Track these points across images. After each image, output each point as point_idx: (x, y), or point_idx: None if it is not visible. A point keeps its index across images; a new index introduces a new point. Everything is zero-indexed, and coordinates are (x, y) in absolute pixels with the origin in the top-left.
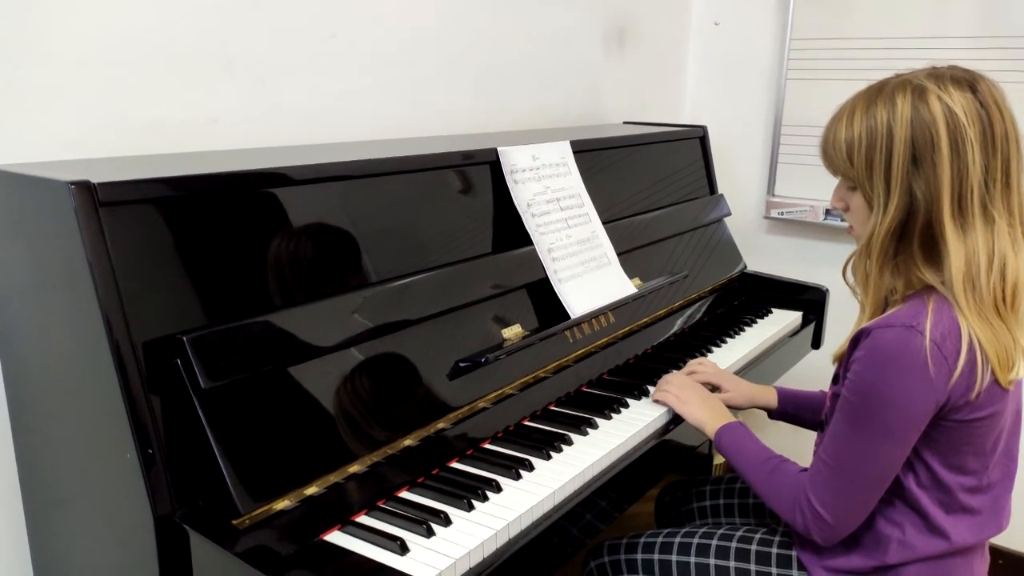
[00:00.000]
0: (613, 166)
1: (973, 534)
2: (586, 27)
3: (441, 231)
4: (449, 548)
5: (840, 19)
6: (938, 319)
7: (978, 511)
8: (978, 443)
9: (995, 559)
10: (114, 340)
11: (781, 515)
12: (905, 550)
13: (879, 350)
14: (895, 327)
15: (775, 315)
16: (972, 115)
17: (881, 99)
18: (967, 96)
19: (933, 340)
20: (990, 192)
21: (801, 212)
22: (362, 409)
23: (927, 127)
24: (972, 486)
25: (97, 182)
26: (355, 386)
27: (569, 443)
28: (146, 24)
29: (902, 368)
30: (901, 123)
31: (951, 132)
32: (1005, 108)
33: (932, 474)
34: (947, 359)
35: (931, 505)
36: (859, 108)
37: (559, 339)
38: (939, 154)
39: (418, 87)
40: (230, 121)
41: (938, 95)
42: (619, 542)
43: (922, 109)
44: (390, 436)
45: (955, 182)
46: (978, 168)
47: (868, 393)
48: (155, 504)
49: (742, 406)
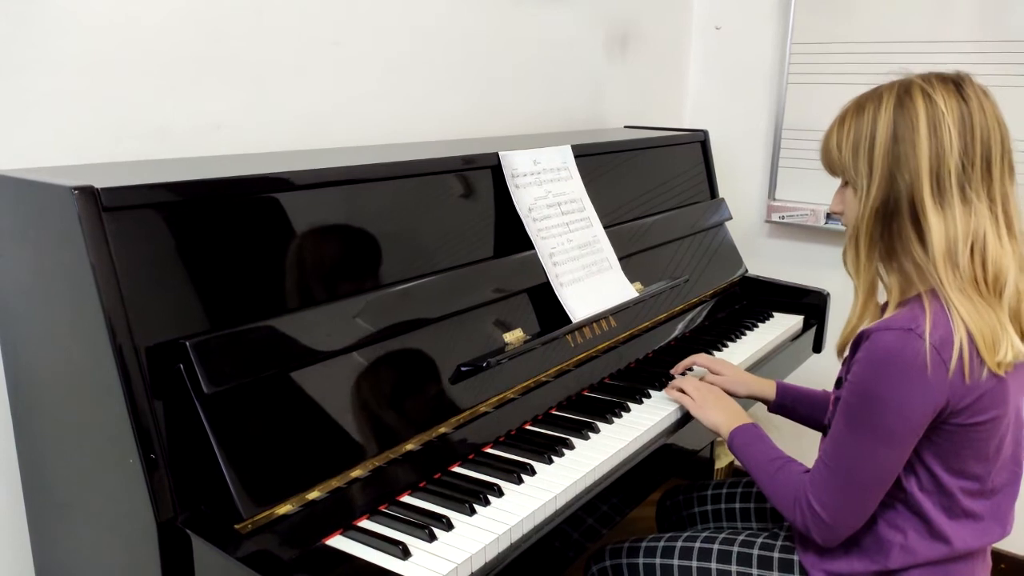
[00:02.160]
0: (614, 170)
1: (976, 539)
2: (588, 32)
3: (443, 235)
4: (451, 552)
5: (841, 23)
6: (937, 322)
7: (981, 516)
8: (979, 447)
9: (997, 563)
10: (117, 345)
11: (782, 513)
12: (907, 555)
13: (879, 353)
14: (895, 330)
15: (776, 319)
16: (952, 106)
17: (871, 99)
18: (950, 90)
19: (933, 344)
20: (968, 174)
21: (802, 216)
22: (364, 413)
23: (908, 113)
24: (974, 490)
25: (101, 187)
26: (357, 390)
27: (571, 447)
28: (150, 30)
29: (901, 371)
30: (885, 112)
31: (930, 117)
32: (988, 106)
33: (934, 478)
34: (946, 363)
35: (933, 509)
36: (851, 110)
37: (560, 343)
38: (918, 136)
39: (421, 92)
40: (234, 126)
41: (921, 87)
42: (621, 546)
43: (905, 100)
44: (392, 440)
45: (933, 162)
46: (955, 151)
47: (867, 396)
48: (158, 509)
49: (739, 392)
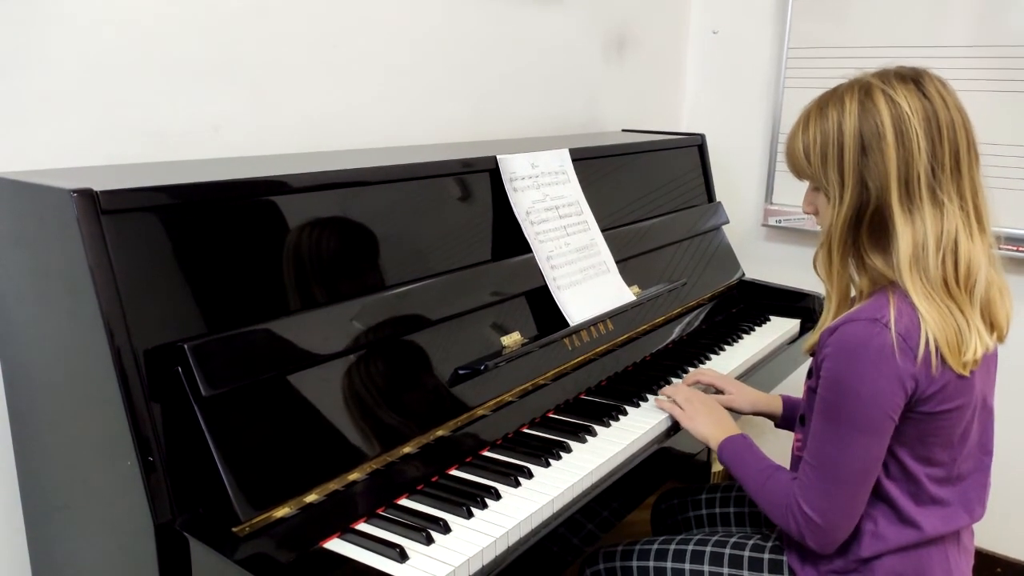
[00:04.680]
0: (612, 174)
1: (944, 524)
2: (585, 36)
3: (440, 239)
4: (448, 555)
5: (838, 28)
6: (900, 312)
7: (947, 502)
8: (945, 435)
9: (994, 567)
10: (115, 347)
11: (776, 523)
12: (878, 542)
13: (846, 344)
14: (860, 320)
15: (773, 322)
16: (915, 106)
17: (832, 102)
18: (910, 88)
19: (899, 332)
20: (938, 178)
21: (799, 220)
22: (361, 416)
23: (872, 119)
24: (940, 477)
25: (99, 190)
26: (355, 393)
27: (568, 450)
28: (148, 32)
29: (870, 359)
30: (849, 118)
31: (895, 121)
32: (950, 100)
33: (901, 465)
34: (912, 350)
35: (901, 496)
36: (813, 113)
37: (558, 347)
38: (885, 142)
39: (419, 96)
40: (232, 129)
41: (882, 90)
42: (614, 549)
43: (867, 104)
44: (389, 443)
45: (901, 168)
46: (924, 154)
47: (839, 387)
48: (155, 511)
49: (744, 410)
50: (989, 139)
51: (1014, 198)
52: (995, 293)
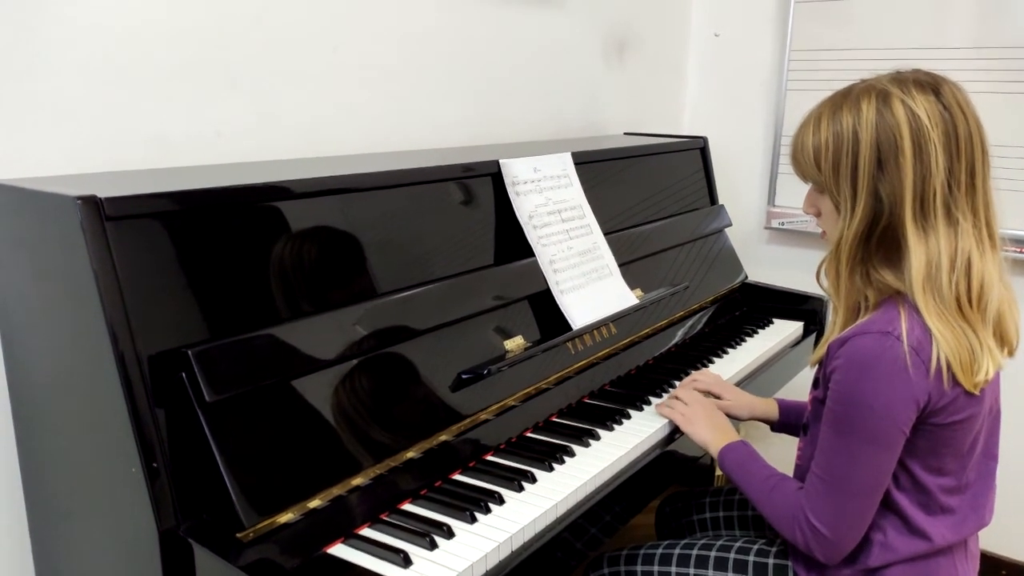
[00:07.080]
0: (614, 177)
1: (954, 533)
2: (586, 39)
3: (443, 243)
4: (452, 560)
5: (840, 30)
6: (912, 324)
7: (957, 511)
8: (956, 445)
9: (997, 569)
10: (119, 354)
11: (781, 534)
12: (887, 552)
13: (858, 357)
14: (872, 333)
15: (776, 325)
16: (935, 118)
17: (847, 105)
18: (930, 99)
19: (911, 345)
20: (954, 195)
21: (802, 222)
22: (365, 421)
23: (891, 131)
24: (951, 487)
25: (103, 197)
26: (358, 398)
27: (571, 454)
28: (150, 39)
29: (882, 373)
30: (866, 128)
31: (914, 135)
32: (969, 110)
33: (912, 477)
34: (924, 363)
35: (910, 507)
36: (825, 114)
37: (561, 351)
38: (903, 156)
39: (420, 100)
40: (234, 135)
41: (902, 99)
42: (619, 553)
43: (886, 113)
44: (392, 448)
45: (917, 184)
46: (941, 171)
47: (851, 401)
48: (160, 517)
49: (742, 416)
50: (991, 140)
51: (1017, 199)
52: (1005, 308)
